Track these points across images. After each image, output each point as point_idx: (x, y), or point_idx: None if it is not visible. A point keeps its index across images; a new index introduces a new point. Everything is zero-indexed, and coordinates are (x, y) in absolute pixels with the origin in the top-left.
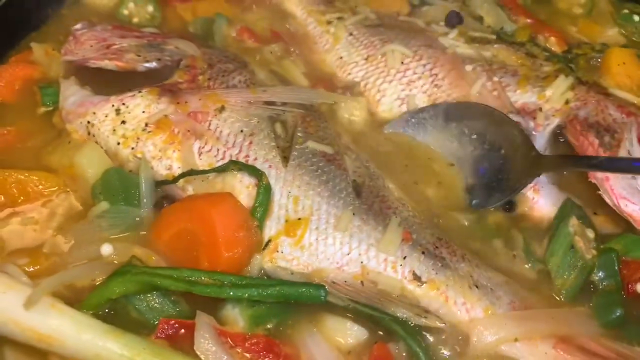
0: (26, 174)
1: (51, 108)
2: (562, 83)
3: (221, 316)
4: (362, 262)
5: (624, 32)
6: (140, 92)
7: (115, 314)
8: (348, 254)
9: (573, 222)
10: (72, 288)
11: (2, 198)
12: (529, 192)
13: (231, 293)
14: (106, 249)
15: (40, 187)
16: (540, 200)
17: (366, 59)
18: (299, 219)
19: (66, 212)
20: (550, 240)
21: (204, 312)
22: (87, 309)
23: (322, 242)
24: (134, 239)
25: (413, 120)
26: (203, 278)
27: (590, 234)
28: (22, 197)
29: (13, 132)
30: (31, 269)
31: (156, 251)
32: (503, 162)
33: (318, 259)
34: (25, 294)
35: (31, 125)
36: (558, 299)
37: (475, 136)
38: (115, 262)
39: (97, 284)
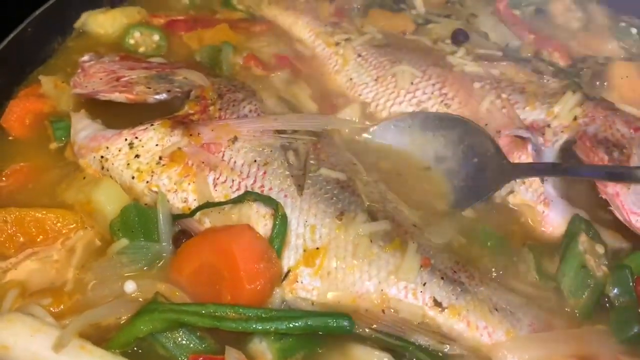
0: (43, 212)
1: (63, 143)
2: (570, 99)
3: (248, 350)
4: (382, 290)
5: (623, 44)
6: (152, 125)
7: (143, 353)
8: (368, 282)
9: (582, 239)
10: (96, 327)
11: (22, 238)
12: (539, 205)
13: (259, 327)
14: (130, 287)
15: (59, 224)
16: (550, 213)
17: (376, 79)
18: (317, 248)
19: (85, 248)
20: (561, 259)
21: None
22: (114, 348)
23: (341, 270)
24: (155, 275)
25: (393, 127)
26: (229, 313)
27: (600, 249)
28: (40, 236)
29: (26, 169)
30: (55, 310)
31: (177, 286)
32: (477, 169)
33: (338, 288)
34: (53, 336)
35: (44, 161)
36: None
37: (450, 145)
38: (140, 299)
39: (122, 322)
